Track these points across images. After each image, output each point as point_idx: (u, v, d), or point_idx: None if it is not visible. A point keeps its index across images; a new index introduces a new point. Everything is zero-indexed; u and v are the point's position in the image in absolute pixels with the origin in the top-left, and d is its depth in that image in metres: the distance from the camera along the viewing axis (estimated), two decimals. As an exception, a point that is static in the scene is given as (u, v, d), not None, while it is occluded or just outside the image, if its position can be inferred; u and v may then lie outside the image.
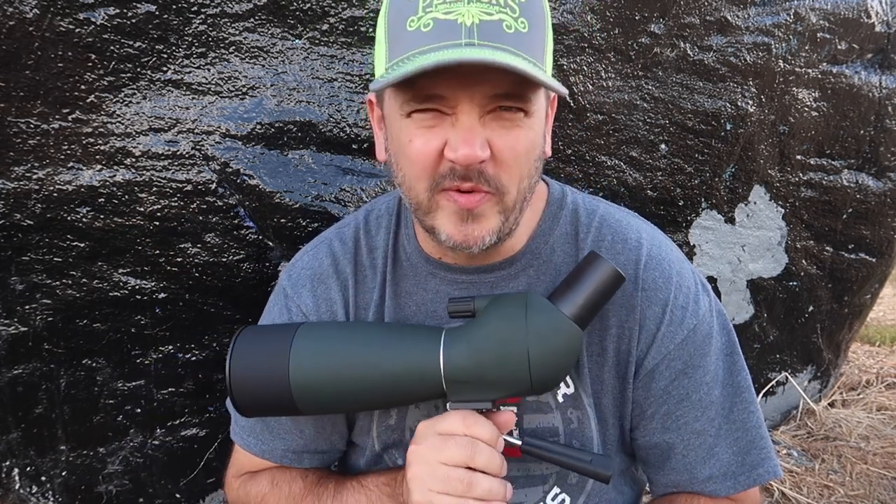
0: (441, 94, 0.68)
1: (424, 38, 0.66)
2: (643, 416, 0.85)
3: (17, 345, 1.25)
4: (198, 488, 1.43)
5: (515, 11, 0.68)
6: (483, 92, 0.68)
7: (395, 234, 0.89)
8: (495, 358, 0.70)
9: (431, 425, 0.71)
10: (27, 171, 1.16)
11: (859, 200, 2.01)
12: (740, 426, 0.84)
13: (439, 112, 0.69)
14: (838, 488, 1.88)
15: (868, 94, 1.90)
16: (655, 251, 0.85)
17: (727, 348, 0.86)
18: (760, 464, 0.84)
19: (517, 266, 0.85)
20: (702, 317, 0.83)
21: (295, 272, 0.91)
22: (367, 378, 0.72)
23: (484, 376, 0.71)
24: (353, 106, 1.31)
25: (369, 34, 1.30)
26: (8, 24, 1.07)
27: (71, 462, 1.32)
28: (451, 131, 0.69)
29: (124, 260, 1.25)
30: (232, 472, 0.98)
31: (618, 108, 1.54)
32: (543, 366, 0.70)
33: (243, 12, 1.21)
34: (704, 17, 1.58)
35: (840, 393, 2.52)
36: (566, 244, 0.86)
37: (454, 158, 0.68)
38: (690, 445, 0.83)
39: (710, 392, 0.83)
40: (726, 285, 1.89)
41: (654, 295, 0.82)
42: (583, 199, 0.90)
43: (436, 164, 0.71)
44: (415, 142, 0.71)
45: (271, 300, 0.94)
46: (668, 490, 0.87)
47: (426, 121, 0.70)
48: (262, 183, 1.27)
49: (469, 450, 0.68)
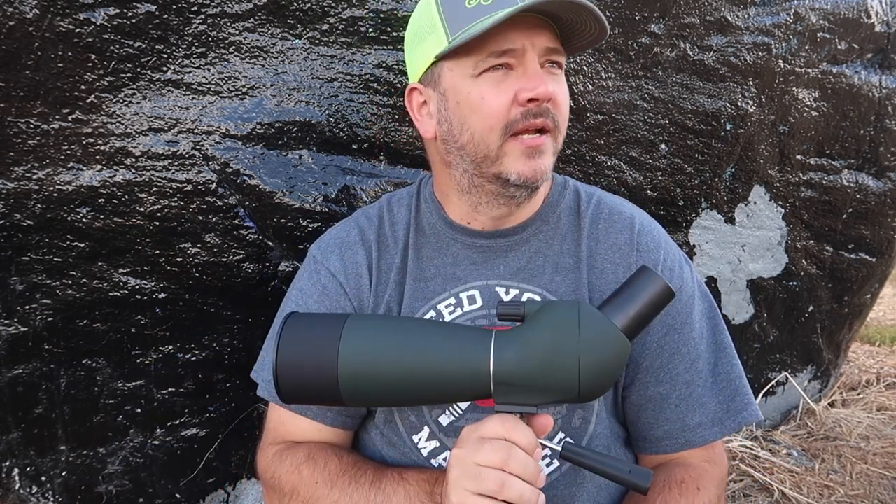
0: (510, 47, 0.80)
1: (485, 10, 0.80)
2: (638, 370, 0.93)
3: (17, 345, 1.25)
4: (198, 488, 1.43)
5: None
6: (540, 43, 0.81)
7: (417, 209, 1.00)
8: (546, 364, 0.71)
9: (474, 430, 0.73)
10: (27, 171, 1.16)
11: (859, 200, 2.01)
12: (724, 377, 0.94)
13: (506, 68, 0.82)
14: (838, 488, 1.88)
15: (868, 94, 1.90)
16: (646, 223, 0.98)
17: (709, 311, 0.97)
18: (744, 408, 0.93)
19: (529, 231, 0.95)
20: (686, 280, 0.95)
21: (324, 242, 1.01)
22: (417, 374, 0.73)
23: (533, 381, 0.72)
24: (353, 106, 1.31)
25: (369, 34, 1.30)
26: (8, 24, 1.07)
27: (71, 462, 1.32)
28: (523, 78, 0.81)
29: (124, 260, 1.25)
30: (266, 441, 0.99)
31: (618, 108, 1.54)
32: (592, 375, 0.71)
33: (243, 12, 1.21)
34: (704, 17, 1.58)
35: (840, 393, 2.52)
36: (570, 216, 0.97)
37: (535, 95, 0.80)
38: (682, 395, 0.92)
39: (697, 346, 0.93)
40: (726, 285, 1.89)
41: (647, 256, 0.93)
42: (581, 184, 1.04)
43: (507, 112, 0.82)
44: (487, 96, 0.82)
45: (301, 270, 1.02)
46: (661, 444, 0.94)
47: (496, 77, 0.82)
48: (262, 183, 1.27)
49: (505, 453, 0.69)
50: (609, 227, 0.95)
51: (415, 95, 0.93)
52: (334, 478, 0.87)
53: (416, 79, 0.92)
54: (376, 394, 0.74)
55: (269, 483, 0.95)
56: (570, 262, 0.93)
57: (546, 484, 0.89)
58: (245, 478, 1.48)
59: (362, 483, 0.85)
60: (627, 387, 0.94)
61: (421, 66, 0.89)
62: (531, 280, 0.93)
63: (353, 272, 0.96)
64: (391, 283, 0.95)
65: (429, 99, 0.90)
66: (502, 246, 0.95)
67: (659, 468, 0.94)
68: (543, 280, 0.93)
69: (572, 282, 0.92)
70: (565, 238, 0.95)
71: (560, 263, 0.93)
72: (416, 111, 0.93)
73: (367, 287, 0.95)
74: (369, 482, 0.85)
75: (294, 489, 0.89)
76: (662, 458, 0.95)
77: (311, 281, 0.97)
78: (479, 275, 0.94)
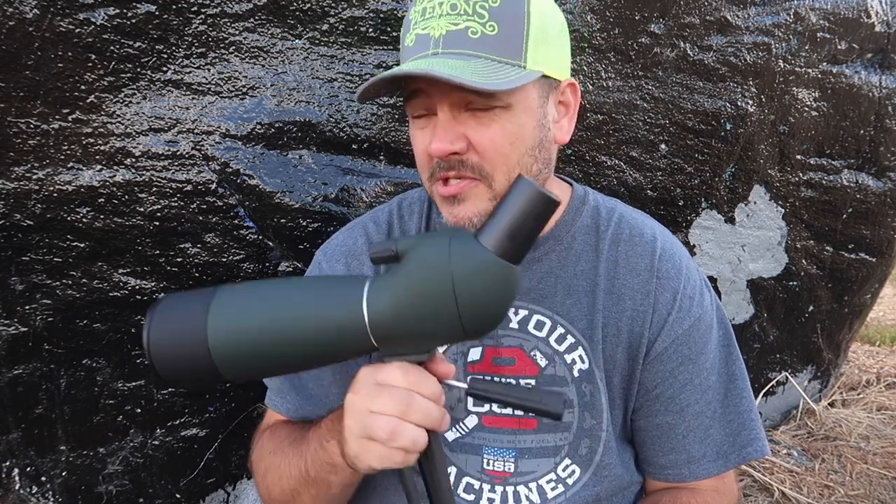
0: (425, 99, 0.79)
1: (409, 52, 0.79)
2: (648, 397, 0.91)
3: (17, 345, 1.25)
4: (198, 488, 1.43)
5: (484, 17, 0.76)
6: (455, 94, 0.76)
7: (428, 217, 0.97)
8: (421, 306, 0.65)
9: (371, 373, 0.68)
10: (27, 172, 1.16)
11: (859, 200, 2.01)
12: (733, 409, 0.92)
13: (430, 115, 0.81)
14: (838, 488, 1.88)
15: (868, 94, 1.90)
16: (668, 246, 0.94)
17: (724, 340, 0.95)
18: (750, 443, 0.92)
19: (541, 250, 0.91)
20: (705, 308, 0.92)
21: (330, 249, 0.99)
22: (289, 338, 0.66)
23: (412, 327, 0.65)
24: (353, 106, 1.31)
25: (369, 34, 1.30)
26: (8, 24, 1.07)
27: (71, 462, 1.32)
28: (434, 130, 0.79)
29: (124, 260, 1.25)
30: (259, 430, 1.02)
31: (618, 108, 1.54)
32: (474, 309, 0.65)
33: (243, 12, 1.21)
34: (704, 17, 1.58)
35: (840, 393, 2.52)
36: (587, 235, 0.94)
37: (431, 152, 0.79)
38: (690, 426, 0.91)
39: (708, 377, 0.91)
40: (726, 285, 1.89)
41: (667, 283, 0.90)
42: (602, 198, 0.99)
43: (430, 159, 0.81)
44: (415, 142, 0.84)
45: (306, 276, 1.01)
46: (664, 472, 0.93)
47: (420, 123, 0.82)
48: (262, 183, 1.27)
49: (404, 403, 0.65)
50: (630, 249, 0.92)
51: None
52: (283, 445, 0.89)
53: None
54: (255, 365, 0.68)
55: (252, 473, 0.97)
56: (585, 284, 0.90)
57: None
58: (245, 478, 1.48)
59: (298, 441, 0.86)
60: (636, 411, 0.93)
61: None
62: (541, 301, 0.90)
63: None
64: None
65: None
66: None
67: (665, 491, 0.93)
68: (555, 302, 0.90)
69: (585, 306, 0.89)
70: (580, 259, 0.92)
71: (573, 286, 0.90)
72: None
73: None
74: (302, 438, 0.85)
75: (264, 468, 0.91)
76: (667, 486, 0.94)
77: None
78: None
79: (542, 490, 0.89)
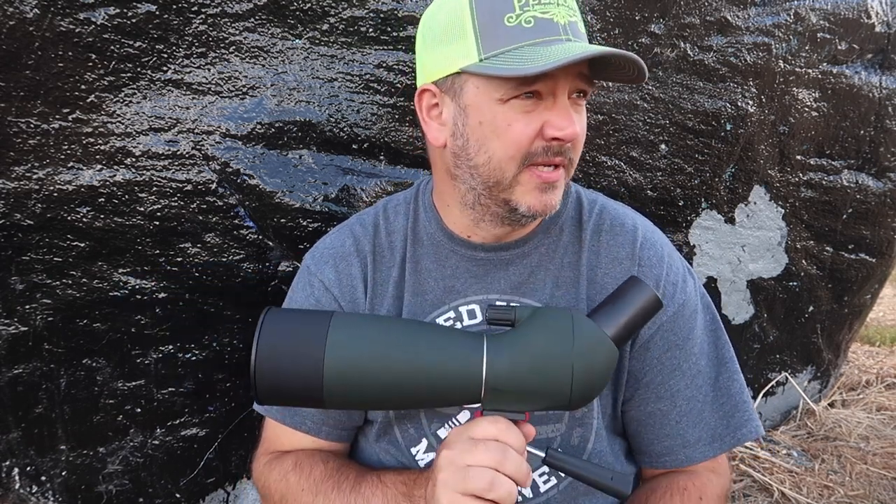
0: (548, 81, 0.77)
1: (527, 34, 0.76)
2: (638, 386, 0.92)
3: (17, 345, 1.25)
4: (198, 488, 1.43)
5: (577, 13, 0.81)
6: (572, 79, 0.78)
7: (415, 219, 0.97)
8: (539, 371, 0.71)
9: (463, 431, 0.72)
10: (27, 171, 1.16)
11: (859, 200, 2.01)
12: (725, 392, 0.93)
13: (536, 96, 0.78)
14: (838, 488, 1.88)
15: (868, 94, 1.90)
16: (649, 235, 0.95)
17: (711, 325, 0.96)
18: (744, 425, 0.92)
19: (531, 244, 0.92)
20: (689, 295, 0.93)
21: (318, 252, 0.99)
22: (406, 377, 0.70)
23: (524, 388, 0.71)
24: (353, 106, 1.31)
25: (369, 34, 1.30)
26: (8, 24, 1.07)
27: (71, 462, 1.32)
28: (551, 112, 0.78)
29: (124, 260, 1.25)
30: (261, 450, 1.00)
31: (618, 108, 1.54)
32: (583, 383, 0.71)
33: (243, 12, 1.21)
34: (704, 17, 1.58)
35: (840, 393, 2.52)
36: (572, 227, 0.95)
37: (562, 136, 0.77)
38: (682, 411, 0.91)
39: (697, 362, 0.92)
40: (726, 285, 1.89)
41: (650, 271, 0.91)
42: (584, 190, 1.00)
43: (530, 143, 0.79)
44: (514, 125, 0.78)
45: (295, 281, 1.00)
46: (661, 460, 0.94)
47: (526, 106, 0.78)
48: (262, 183, 1.27)
49: (500, 455, 0.68)
50: (611, 239, 0.93)
51: (426, 97, 0.87)
52: (318, 484, 0.87)
53: (430, 79, 0.85)
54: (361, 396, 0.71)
55: (261, 492, 0.96)
56: (571, 275, 0.92)
57: (543, 501, 0.90)
58: (245, 478, 1.48)
59: (344, 488, 0.85)
60: (627, 402, 0.93)
61: (440, 69, 0.83)
62: (532, 294, 0.91)
63: (347, 284, 0.94)
64: (388, 297, 0.93)
65: (444, 106, 0.85)
66: (503, 259, 0.92)
67: (662, 476, 0.94)
68: (544, 295, 0.91)
69: (572, 296, 0.91)
70: (566, 250, 0.93)
71: (561, 277, 0.92)
72: (426, 113, 0.88)
73: (363, 299, 0.93)
74: (350, 486, 0.85)
75: (283, 497, 0.90)
76: (663, 471, 0.95)
77: (305, 293, 0.96)
78: (478, 288, 0.92)
79: (534, 484, 0.90)
